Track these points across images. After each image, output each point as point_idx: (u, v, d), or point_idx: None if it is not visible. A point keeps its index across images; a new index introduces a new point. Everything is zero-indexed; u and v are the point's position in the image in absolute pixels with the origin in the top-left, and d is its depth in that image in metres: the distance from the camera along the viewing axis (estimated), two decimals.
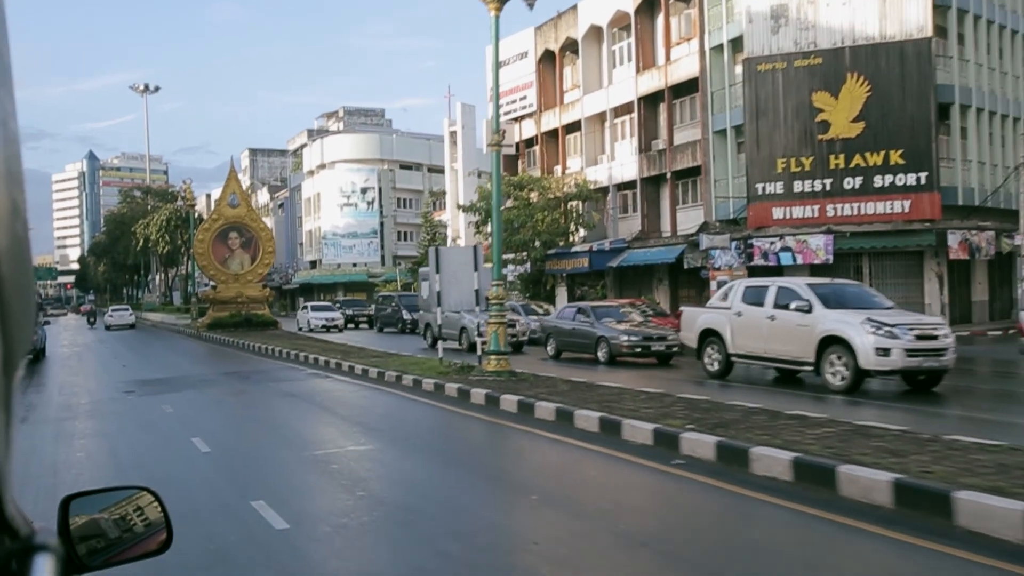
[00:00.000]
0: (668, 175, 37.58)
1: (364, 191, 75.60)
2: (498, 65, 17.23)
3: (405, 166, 78.52)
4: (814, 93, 30.99)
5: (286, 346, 26.78)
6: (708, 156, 35.29)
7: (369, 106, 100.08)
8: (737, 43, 33.85)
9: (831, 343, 14.27)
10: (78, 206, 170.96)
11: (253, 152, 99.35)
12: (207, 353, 30.50)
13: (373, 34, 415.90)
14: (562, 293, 42.86)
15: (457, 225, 61.77)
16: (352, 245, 75.76)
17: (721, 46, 34.56)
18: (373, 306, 50.89)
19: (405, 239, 78.71)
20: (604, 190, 41.62)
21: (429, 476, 8.79)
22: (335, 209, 75.57)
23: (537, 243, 39.92)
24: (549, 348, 23.65)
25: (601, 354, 21.26)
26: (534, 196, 41.25)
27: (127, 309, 54.91)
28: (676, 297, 37.97)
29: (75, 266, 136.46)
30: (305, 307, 41.07)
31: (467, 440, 11.44)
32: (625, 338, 20.70)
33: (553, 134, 45.92)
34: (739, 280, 17.55)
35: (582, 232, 42.15)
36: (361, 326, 46.21)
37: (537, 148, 46.96)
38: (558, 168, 44.93)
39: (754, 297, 16.20)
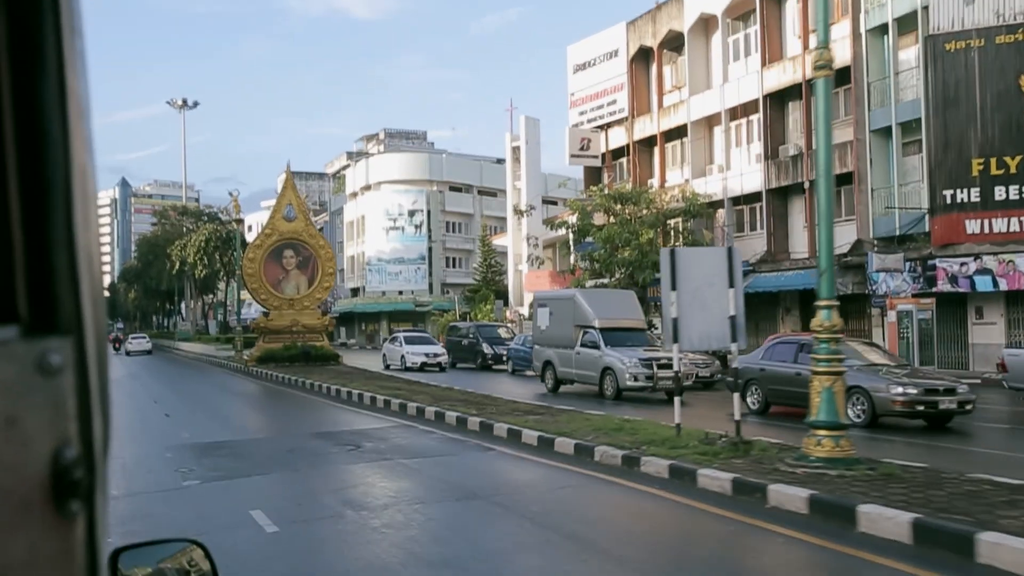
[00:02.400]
0: (805, 185, 30.82)
1: (412, 214, 69.25)
2: None
3: (455, 188, 72.21)
4: (1023, 76, 24.29)
5: (375, 390, 20.02)
6: (864, 160, 28.59)
7: (410, 128, 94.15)
8: (905, 21, 27.29)
9: None
10: (109, 233, 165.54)
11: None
12: (268, 397, 23.82)
13: (402, 66, 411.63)
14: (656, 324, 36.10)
15: (520, 249, 55.29)
16: (398, 271, 69.31)
17: (884, 26, 27.95)
18: (440, 337, 44.38)
19: (454, 266, 72.28)
20: (714, 205, 35.00)
21: None
22: (380, 233, 69.26)
23: (646, 265, 33.05)
24: (751, 400, 16.85)
25: (854, 412, 14.43)
26: (628, 211, 34.63)
27: (144, 337, 61.00)
28: (808, 330, 30.96)
29: (105, 294, 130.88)
30: (395, 338, 33.73)
31: None
32: (899, 390, 13.88)
33: (648, 142, 39.37)
34: None
35: None
36: None
37: (628, 159, 40.37)
38: (652, 181, 38.33)
39: None
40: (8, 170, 0.60)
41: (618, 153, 41.32)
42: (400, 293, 68.85)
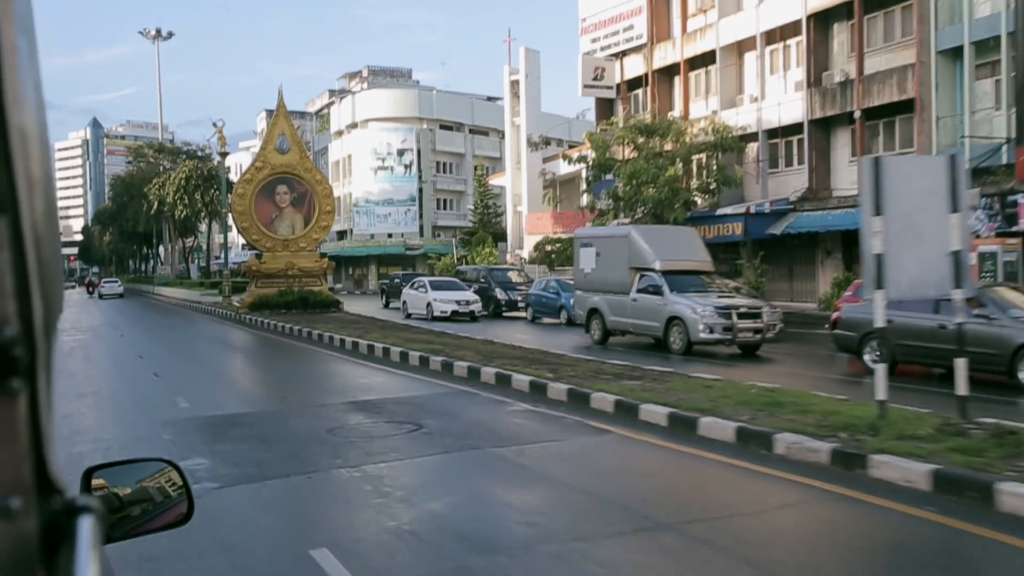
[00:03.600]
0: (857, 115, 27.53)
1: (401, 153, 65.29)
2: None
3: (445, 126, 68.14)
4: None
5: (402, 344, 16.69)
6: (927, 86, 25.31)
7: (394, 66, 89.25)
8: None
9: None
10: (81, 175, 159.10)
11: (270, 113, 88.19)
12: (271, 350, 20.42)
13: (375, 5, 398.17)
14: None
15: (520, 189, 51.75)
16: (387, 213, 65.57)
17: None
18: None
19: (445, 207, 68.59)
20: (745, 138, 31.66)
21: None
22: (368, 173, 65.33)
23: (676, 203, 29.78)
24: (869, 358, 13.77)
25: None
26: (652, 144, 31.24)
27: (116, 281, 61.80)
28: (853, 275, 28.01)
29: (78, 237, 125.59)
30: (418, 283, 28.87)
31: None
32: None
33: (668, 72, 35.79)
34: None
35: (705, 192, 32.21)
36: None
37: (646, 90, 36.83)
38: (672, 114, 34.82)
39: None
40: None
41: (634, 84, 37.74)
42: (389, 236, 65.24)
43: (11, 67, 0.60)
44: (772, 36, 31.04)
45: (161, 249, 72.57)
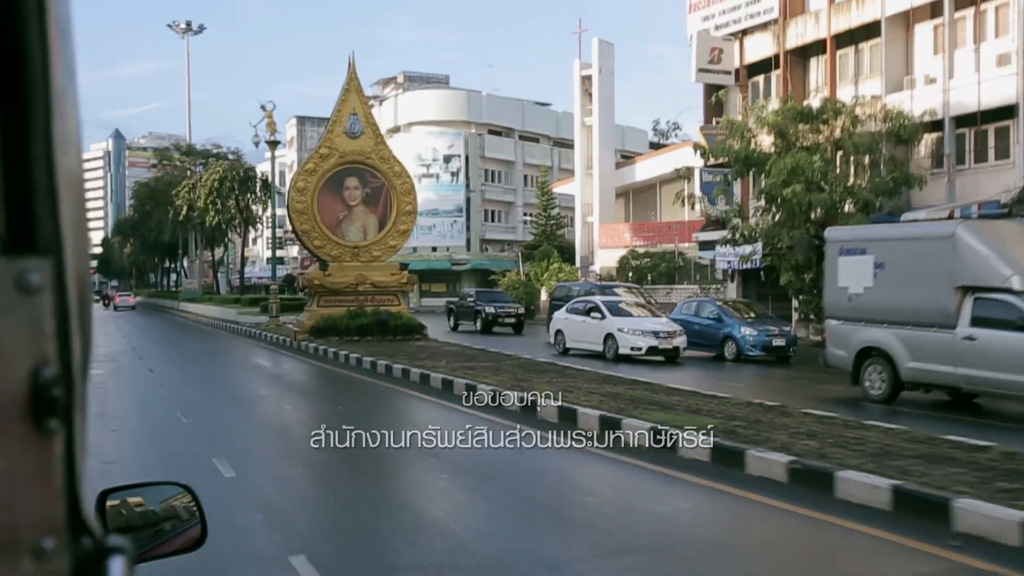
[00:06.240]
0: None
1: (448, 159, 58.63)
2: None
3: (494, 131, 61.48)
4: None
5: (617, 403, 9.79)
6: None
7: (432, 72, 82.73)
8: None
9: None
10: (102, 187, 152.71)
11: (301, 120, 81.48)
12: (371, 403, 13.32)
13: (394, 26, 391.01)
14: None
15: (591, 196, 45.00)
16: (432, 225, 58.73)
17: None
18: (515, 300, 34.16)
19: (494, 219, 61.81)
20: (924, 127, 24.79)
21: None
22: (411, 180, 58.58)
23: (849, 206, 23.01)
24: None
25: None
26: (805, 132, 24.41)
27: (129, 294, 65.97)
28: None
29: (98, 250, 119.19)
30: (586, 304, 20.16)
31: None
32: None
33: (805, 52, 29.04)
34: None
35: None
36: (496, 329, 29.30)
37: (771, 74, 30.10)
38: (808, 103, 27.93)
39: None
40: None
41: (756, 69, 30.97)
42: (433, 249, 58.53)
43: (60, 111, 0.60)
44: (959, 0, 24.26)
45: (185, 261, 65.97)
